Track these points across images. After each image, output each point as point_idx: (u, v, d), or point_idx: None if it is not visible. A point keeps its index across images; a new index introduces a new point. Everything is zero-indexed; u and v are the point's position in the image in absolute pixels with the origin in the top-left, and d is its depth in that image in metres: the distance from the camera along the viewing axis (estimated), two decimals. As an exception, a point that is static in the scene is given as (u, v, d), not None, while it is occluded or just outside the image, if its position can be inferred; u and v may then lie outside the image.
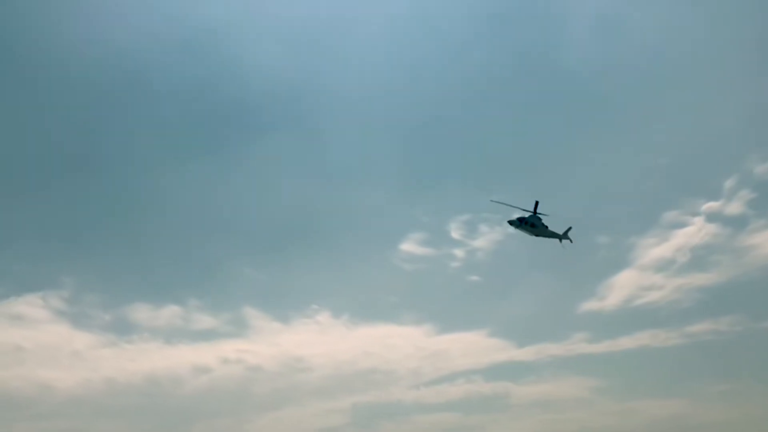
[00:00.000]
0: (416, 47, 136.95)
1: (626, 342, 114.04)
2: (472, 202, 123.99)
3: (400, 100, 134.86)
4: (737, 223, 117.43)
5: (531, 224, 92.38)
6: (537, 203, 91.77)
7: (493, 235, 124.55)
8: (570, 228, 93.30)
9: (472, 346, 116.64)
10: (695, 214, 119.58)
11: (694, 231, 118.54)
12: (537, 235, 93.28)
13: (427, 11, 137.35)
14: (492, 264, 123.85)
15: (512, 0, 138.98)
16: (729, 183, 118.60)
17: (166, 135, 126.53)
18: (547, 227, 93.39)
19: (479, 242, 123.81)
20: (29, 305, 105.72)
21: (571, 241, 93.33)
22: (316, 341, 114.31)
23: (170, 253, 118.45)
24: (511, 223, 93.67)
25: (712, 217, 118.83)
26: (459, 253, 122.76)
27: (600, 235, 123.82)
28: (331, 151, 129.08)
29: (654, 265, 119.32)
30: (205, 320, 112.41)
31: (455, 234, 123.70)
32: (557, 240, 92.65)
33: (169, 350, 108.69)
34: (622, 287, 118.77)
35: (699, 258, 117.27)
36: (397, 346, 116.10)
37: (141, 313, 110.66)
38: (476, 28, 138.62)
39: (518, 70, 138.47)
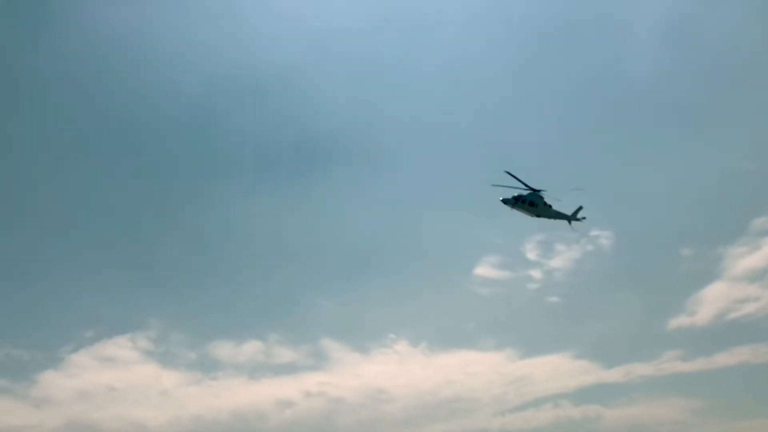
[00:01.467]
0: (478, 66, 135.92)
1: (724, 359, 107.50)
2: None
3: (464, 122, 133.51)
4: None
5: (530, 203, 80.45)
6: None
7: (571, 254, 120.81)
8: (581, 207, 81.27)
9: (557, 369, 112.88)
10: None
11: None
12: (538, 216, 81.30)
13: (487, 33, 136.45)
14: (571, 283, 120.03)
15: (574, 13, 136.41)
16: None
17: (239, 173, 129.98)
18: (551, 206, 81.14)
19: (556, 262, 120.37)
20: (119, 347, 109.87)
21: (582, 219, 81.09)
22: (396, 371, 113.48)
23: (249, 289, 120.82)
24: (505, 202, 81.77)
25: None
26: (536, 274, 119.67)
27: (684, 246, 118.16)
28: (398, 179, 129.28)
29: (746, 276, 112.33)
30: (285, 354, 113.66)
31: (531, 255, 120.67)
32: (565, 224, 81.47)
33: (253, 385, 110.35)
34: (713, 301, 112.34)
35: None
36: (479, 373, 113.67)
37: (224, 349, 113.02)
38: (540, 43, 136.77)
39: (587, 81, 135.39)
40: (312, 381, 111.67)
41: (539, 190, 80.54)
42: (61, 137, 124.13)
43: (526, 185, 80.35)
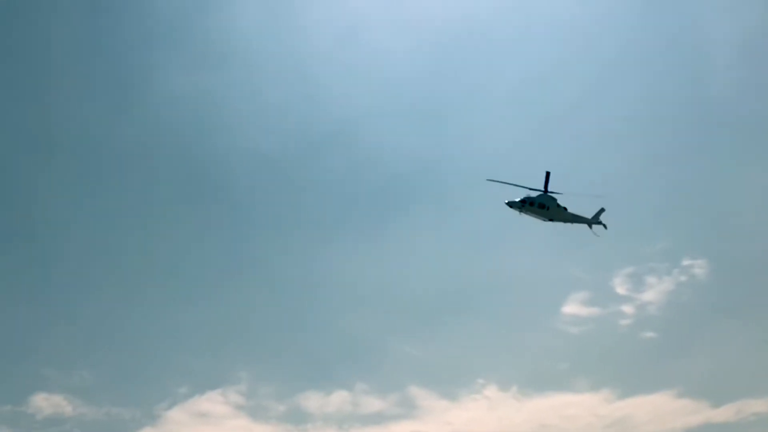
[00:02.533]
0: (549, 100, 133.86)
1: None
2: (633, 252, 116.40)
3: (537, 156, 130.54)
4: None
5: (539, 205, 73.49)
6: (548, 175, 71.71)
7: (663, 286, 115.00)
8: (602, 210, 74.16)
9: (660, 410, 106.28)
10: None
11: None
12: (551, 220, 74.34)
13: (554, 65, 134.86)
14: (667, 317, 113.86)
15: (646, 38, 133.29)
16: None
17: (317, 223, 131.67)
18: (565, 209, 74.03)
19: (649, 295, 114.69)
20: (212, 402, 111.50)
21: (605, 227, 73.92)
22: (486, 417, 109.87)
23: (333, 338, 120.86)
24: (511, 205, 74.83)
25: None
26: (628, 309, 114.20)
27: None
28: (475, 217, 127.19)
29: None
30: (373, 403, 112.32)
31: (620, 289, 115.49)
32: (586, 227, 74.18)
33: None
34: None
35: None
36: (576, 416, 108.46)
37: (312, 400, 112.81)
38: (611, 70, 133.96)
39: (666, 104, 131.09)
40: (401, 430, 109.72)
41: (552, 192, 74.18)
42: (145, 199, 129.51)
43: (528, 187, 74.52)
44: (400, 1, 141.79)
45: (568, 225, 75.53)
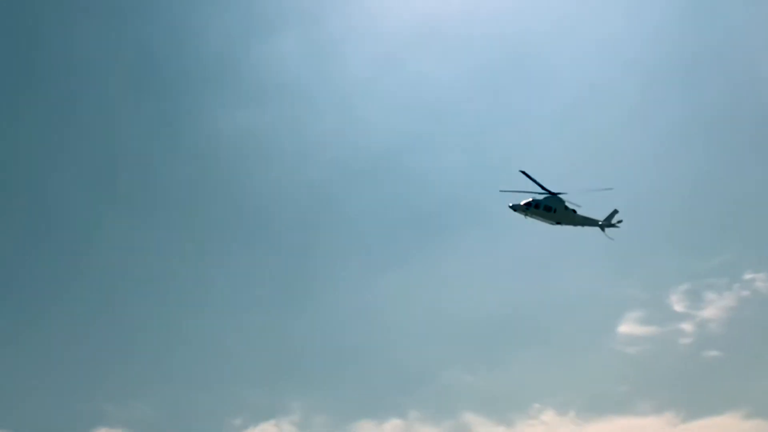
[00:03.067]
0: (593, 118, 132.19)
1: None
2: (688, 267, 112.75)
3: (587, 175, 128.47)
4: None
5: (545, 207, 70.59)
6: (525, 174, 67.98)
7: (724, 302, 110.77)
8: (615, 211, 70.78)
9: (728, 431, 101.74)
10: None
11: None
12: (558, 223, 71.02)
13: (596, 82, 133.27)
14: (731, 335, 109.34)
15: (688, 50, 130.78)
16: None
17: (366, 251, 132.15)
18: (574, 211, 70.94)
19: (709, 312, 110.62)
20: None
21: (616, 226, 70.23)
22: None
23: (385, 366, 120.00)
24: (515, 208, 72.48)
25: None
26: (687, 327, 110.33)
27: None
28: (525, 241, 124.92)
29: None
30: (428, 431, 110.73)
31: (678, 307, 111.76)
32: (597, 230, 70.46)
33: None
34: None
35: None
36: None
37: (366, 430, 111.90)
38: (657, 85, 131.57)
39: (714, 117, 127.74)
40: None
41: (557, 193, 70.86)
42: (197, 233, 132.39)
43: (542, 187, 70.81)
44: (438, 25, 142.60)
45: (579, 228, 72.66)
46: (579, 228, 72.93)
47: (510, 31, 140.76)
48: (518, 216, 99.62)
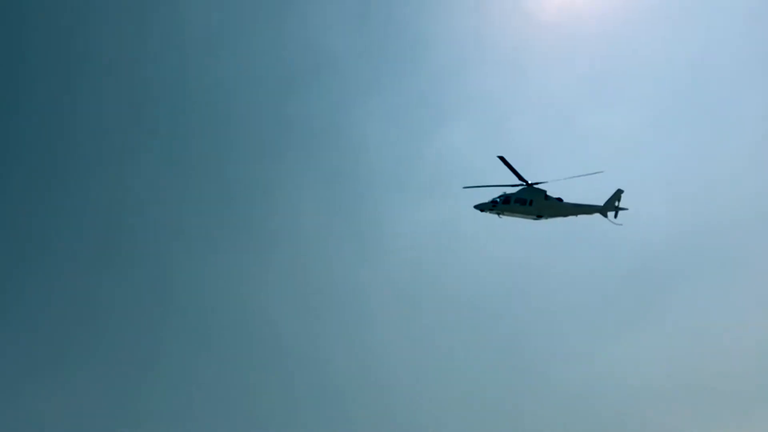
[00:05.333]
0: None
1: None
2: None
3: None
4: None
5: (517, 200, 60.42)
6: (504, 160, 57.58)
7: None
8: (620, 191, 58.37)
9: None
10: None
11: None
12: (539, 217, 60.77)
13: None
14: None
15: None
16: None
17: (586, 319, 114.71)
18: (560, 200, 59.86)
19: None
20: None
21: (619, 210, 57.81)
22: None
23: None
24: (482, 208, 62.67)
25: None
26: None
27: None
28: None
29: None
30: None
31: None
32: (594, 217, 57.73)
33: None
34: None
35: None
36: None
37: None
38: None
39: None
40: None
41: (535, 183, 61.08)
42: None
43: (520, 177, 61.02)
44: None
45: (575, 219, 61.80)
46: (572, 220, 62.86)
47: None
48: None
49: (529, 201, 60.76)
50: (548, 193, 61.70)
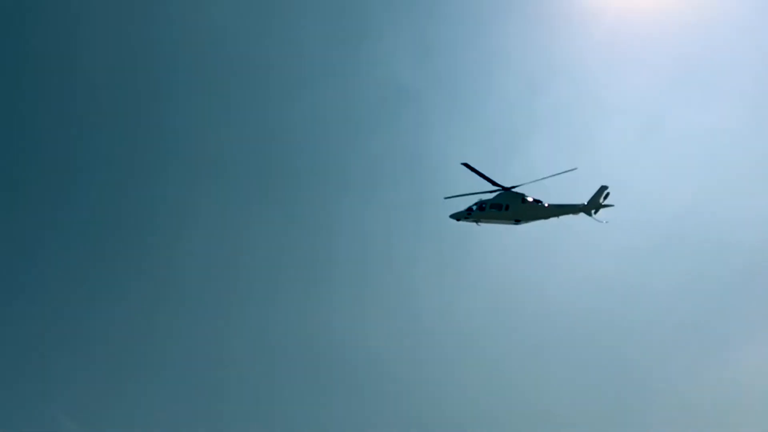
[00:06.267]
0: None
1: None
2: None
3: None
4: None
5: (493, 206, 58.48)
6: (470, 167, 57.20)
7: None
8: (603, 188, 56.61)
9: None
10: None
11: None
12: (518, 222, 58.93)
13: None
14: None
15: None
16: None
17: None
18: (538, 202, 58.42)
19: None
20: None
21: (605, 207, 56.86)
22: None
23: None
24: (458, 218, 60.58)
25: None
26: None
27: None
28: None
29: None
30: None
31: None
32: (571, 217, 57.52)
33: None
34: None
35: None
36: None
37: None
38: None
39: None
40: None
41: (511, 187, 58.86)
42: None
43: (492, 182, 59.12)
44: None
45: (559, 220, 59.46)
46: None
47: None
48: None
49: (505, 206, 59.64)
50: (542, 197, 59.47)
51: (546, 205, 58.98)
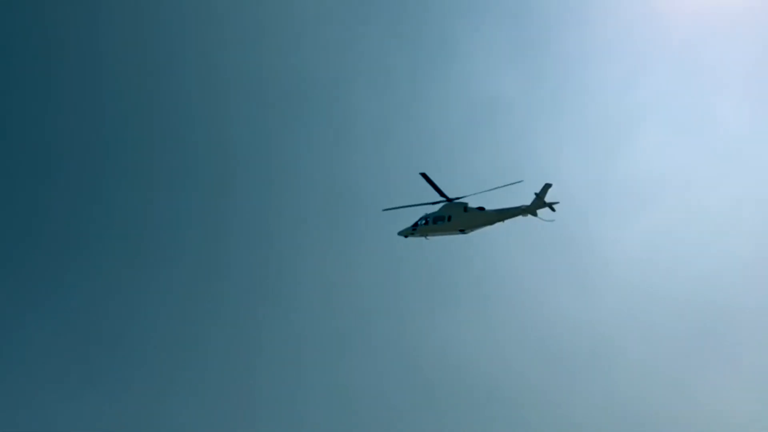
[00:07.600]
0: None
1: None
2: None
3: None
4: None
5: (435, 220, 58.76)
6: (426, 177, 57.04)
7: None
8: (548, 186, 54.72)
9: None
10: None
11: None
12: (463, 231, 58.73)
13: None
14: None
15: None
16: None
17: None
18: (482, 209, 57.85)
19: None
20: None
21: (552, 208, 55.37)
22: None
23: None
24: (406, 235, 60.68)
25: None
26: None
27: None
28: None
29: None
30: None
31: None
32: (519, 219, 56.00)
33: None
34: None
35: None
36: None
37: None
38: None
39: None
40: None
41: (456, 198, 59.08)
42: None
43: (441, 194, 59.30)
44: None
45: (504, 224, 58.38)
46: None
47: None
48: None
49: (447, 217, 59.47)
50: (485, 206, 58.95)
51: (487, 211, 58.52)
